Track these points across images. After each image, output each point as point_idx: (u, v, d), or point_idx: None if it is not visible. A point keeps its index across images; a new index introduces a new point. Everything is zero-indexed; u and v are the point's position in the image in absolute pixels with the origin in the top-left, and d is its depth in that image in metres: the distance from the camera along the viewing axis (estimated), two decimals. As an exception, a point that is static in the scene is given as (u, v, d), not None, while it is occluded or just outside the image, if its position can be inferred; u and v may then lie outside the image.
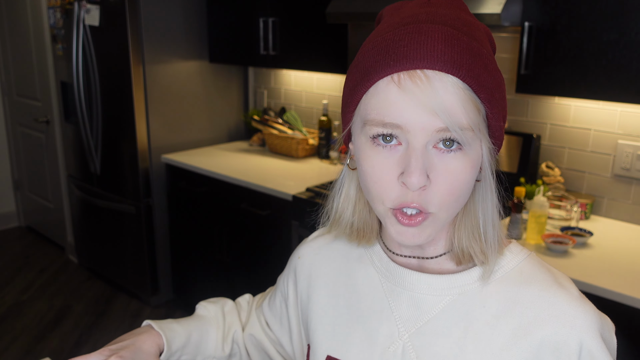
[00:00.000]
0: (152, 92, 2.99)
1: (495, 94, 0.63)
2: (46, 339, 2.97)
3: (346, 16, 2.33)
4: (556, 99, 2.21)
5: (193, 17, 3.09)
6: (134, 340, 0.81)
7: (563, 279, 0.70)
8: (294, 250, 0.93)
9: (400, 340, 0.73)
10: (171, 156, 3.03)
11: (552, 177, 2.21)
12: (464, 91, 0.60)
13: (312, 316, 0.83)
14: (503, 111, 0.66)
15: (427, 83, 0.59)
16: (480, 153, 0.64)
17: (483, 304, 0.70)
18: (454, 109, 0.60)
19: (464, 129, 0.60)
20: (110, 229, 3.36)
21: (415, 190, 0.62)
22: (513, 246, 0.74)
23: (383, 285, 0.76)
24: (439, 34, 0.61)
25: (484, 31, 0.68)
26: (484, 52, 0.63)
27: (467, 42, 0.62)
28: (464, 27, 0.63)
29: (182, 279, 3.21)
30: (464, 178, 0.63)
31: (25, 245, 4.21)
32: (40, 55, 3.69)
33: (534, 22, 1.90)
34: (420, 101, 0.59)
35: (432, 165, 0.62)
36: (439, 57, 0.59)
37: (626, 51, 1.73)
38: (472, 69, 0.60)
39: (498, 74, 0.65)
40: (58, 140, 3.74)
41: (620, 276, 1.66)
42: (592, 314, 0.66)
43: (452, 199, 0.63)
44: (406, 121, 0.61)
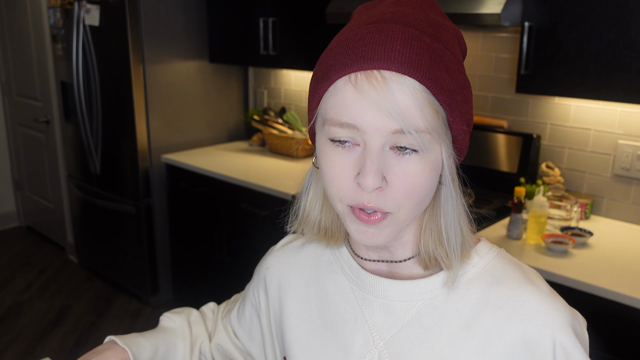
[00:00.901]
0: (152, 92, 2.99)
1: (456, 96, 0.62)
2: (46, 339, 2.97)
3: (346, 16, 2.33)
4: (556, 99, 2.21)
5: (193, 17, 3.09)
6: (98, 358, 0.79)
7: (533, 275, 0.70)
8: (261, 259, 0.91)
9: (375, 349, 0.72)
10: (171, 156, 3.03)
11: (552, 177, 2.21)
12: (421, 93, 0.59)
13: (286, 328, 0.81)
14: (466, 115, 0.64)
15: (383, 84, 0.58)
16: (440, 157, 0.63)
17: (455, 307, 0.69)
18: (410, 110, 0.59)
19: (420, 132, 0.59)
20: (110, 229, 3.36)
21: (372, 192, 0.61)
22: (482, 245, 0.73)
23: (355, 293, 0.75)
24: (399, 34, 0.60)
25: (453, 33, 0.66)
26: (447, 53, 0.62)
27: (428, 43, 0.60)
28: (429, 28, 0.62)
29: (182, 279, 3.21)
30: (422, 181, 0.62)
31: (25, 245, 4.21)
32: (40, 55, 3.69)
33: (534, 22, 1.90)
34: (376, 102, 0.58)
35: (389, 167, 0.61)
36: (396, 58, 0.58)
37: (626, 51, 1.72)
38: (430, 71, 0.59)
39: (461, 77, 0.63)
40: (58, 140, 3.74)
41: (620, 276, 1.65)
42: (563, 309, 0.66)
43: (410, 201, 0.62)
44: (362, 122, 0.60)
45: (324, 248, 0.82)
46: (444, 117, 0.62)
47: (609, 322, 1.60)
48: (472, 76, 2.46)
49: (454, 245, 0.68)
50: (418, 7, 0.65)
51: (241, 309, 0.91)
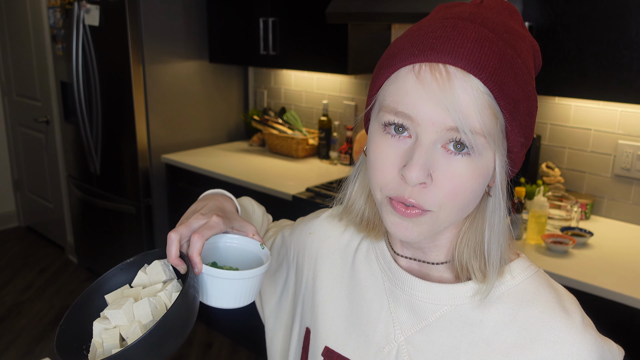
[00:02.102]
0: (152, 92, 2.99)
1: (519, 106, 0.60)
2: (46, 339, 2.97)
3: (346, 16, 2.33)
4: (556, 99, 2.21)
5: (193, 17, 3.09)
6: (214, 202, 0.80)
7: (568, 302, 0.67)
8: (306, 218, 0.91)
9: (395, 342, 0.73)
10: (171, 156, 3.03)
11: (552, 177, 2.21)
12: (483, 95, 0.58)
13: (317, 301, 0.81)
14: (527, 127, 0.63)
15: (446, 78, 0.57)
16: (492, 165, 0.61)
17: (480, 319, 0.68)
18: (468, 110, 0.57)
19: (475, 133, 0.58)
20: (110, 229, 3.36)
21: (415, 187, 0.60)
22: (520, 262, 0.71)
23: (385, 284, 0.76)
24: (473, 32, 0.59)
25: (530, 44, 0.65)
26: (518, 62, 0.60)
27: (501, 47, 0.59)
28: (505, 33, 0.61)
29: (182, 279, 3.21)
30: (468, 184, 0.60)
31: (25, 245, 4.21)
32: (40, 55, 3.69)
33: (534, 22, 1.90)
34: (435, 95, 0.57)
35: (437, 165, 0.59)
36: (464, 55, 0.57)
37: (626, 51, 1.72)
38: (496, 74, 0.58)
39: (529, 88, 0.61)
40: (58, 140, 3.74)
41: (620, 276, 1.65)
42: (591, 344, 0.64)
43: (453, 203, 0.61)
44: (417, 113, 0.59)
45: (364, 235, 0.82)
46: (503, 125, 0.60)
47: (609, 322, 1.60)
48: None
49: (494, 260, 0.66)
50: (499, 12, 0.64)
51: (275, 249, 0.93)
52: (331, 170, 2.82)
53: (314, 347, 0.80)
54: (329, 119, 2.99)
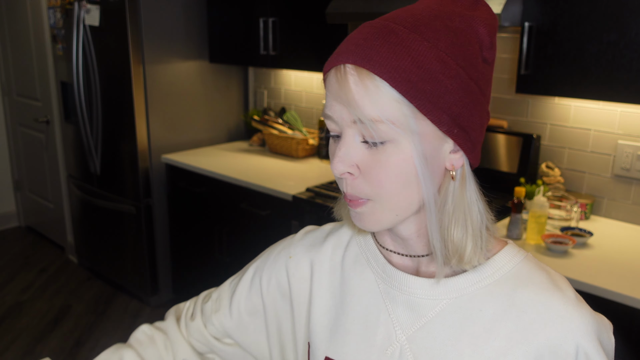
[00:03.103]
0: (152, 92, 2.99)
1: (423, 85, 0.60)
2: (46, 339, 2.97)
3: (346, 16, 2.33)
4: (556, 99, 2.21)
5: (193, 17, 3.09)
6: None
7: (560, 281, 0.70)
8: (275, 248, 0.90)
9: (397, 342, 0.73)
10: (171, 156, 3.03)
11: (552, 177, 2.21)
12: (376, 83, 0.60)
13: (313, 316, 0.81)
14: (446, 105, 0.62)
15: (343, 77, 0.62)
16: (410, 148, 0.63)
17: (480, 308, 0.69)
18: (362, 101, 0.61)
19: (375, 121, 0.61)
20: (110, 229, 3.36)
21: (348, 179, 0.66)
22: (509, 248, 0.73)
23: (380, 287, 0.76)
24: (369, 28, 0.63)
25: (463, 24, 0.64)
26: (423, 44, 0.61)
27: (399, 34, 0.61)
28: (417, 20, 0.62)
29: (182, 279, 3.21)
30: (391, 172, 0.63)
31: (25, 245, 4.21)
32: (40, 55, 3.69)
33: (534, 22, 1.90)
34: (336, 94, 0.63)
35: (362, 157, 0.64)
36: (352, 50, 0.62)
37: (626, 51, 1.72)
38: (388, 62, 0.60)
39: (437, 66, 0.61)
40: (58, 140, 3.74)
41: (620, 276, 1.65)
42: (587, 317, 0.66)
43: (384, 191, 0.65)
44: (332, 113, 0.65)
45: (349, 239, 0.83)
46: (412, 108, 0.61)
47: (609, 322, 1.60)
48: (472, 76, 2.45)
49: (457, 242, 0.67)
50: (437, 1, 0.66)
51: (239, 302, 0.89)
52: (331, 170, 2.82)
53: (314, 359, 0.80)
54: (329, 119, 2.99)
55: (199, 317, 0.92)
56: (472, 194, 0.68)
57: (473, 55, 0.64)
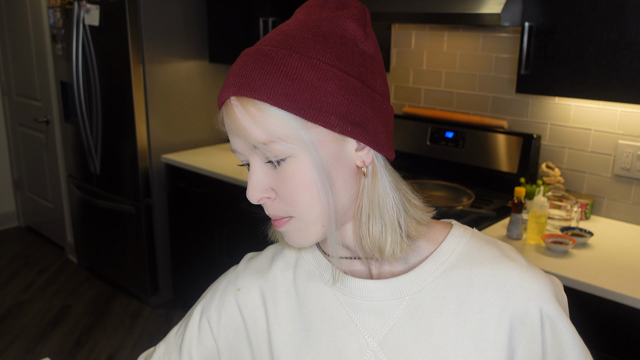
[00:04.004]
0: (152, 92, 2.99)
1: (302, 96, 0.61)
2: (46, 339, 2.97)
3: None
4: (556, 99, 2.21)
5: (193, 17, 3.09)
6: None
7: (510, 251, 0.72)
8: (218, 283, 0.84)
9: (370, 350, 0.72)
10: (171, 156, 3.03)
11: (552, 177, 2.21)
12: (255, 106, 0.62)
13: (274, 346, 0.77)
14: (329, 106, 0.62)
15: (230, 110, 0.64)
16: (306, 158, 0.64)
17: (443, 296, 0.70)
18: (249, 128, 0.63)
19: (266, 143, 0.63)
20: (110, 229, 3.36)
21: (266, 203, 0.67)
22: (455, 230, 0.74)
23: (339, 299, 0.74)
24: (243, 57, 0.65)
25: (332, 24, 0.65)
26: (291, 57, 0.62)
27: (267, 54, 0.63)
28: (291, 33, 0.65)
29: (182, 279, 3.21)
30: (299, 184, 0.64)
31: (25, 245, 4.21)
32: (40, 55, 3.69)
33: (534, 22, 1.90)
34: (230, 127, 0.65)
35: (272, 179, 0.66)
36: (232, 83, 0.63)
37: (626, 51, 1.72)
38: (259, 83, 0.61)
39: (311, 73, 0.62)
40: (58, 140, 3.74)
41: (620, 276, 1.65)
42: (543, 280, 0.69)
43: (298, 204, 0.66)
44: (233, 146, 0.67)
45: (297, 258, 0.80)
46: (299, 120, 0.62)
47: (609, 322, 1.60)
48: (472, 76, 2.46)
49: (376, 235, 0.68)
50: (306, 11, 0.69)
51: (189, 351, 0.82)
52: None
53: None
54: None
55: None
56: (386, 186, 0.68)
57: (347, 52, 0.65)
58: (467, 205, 2.07)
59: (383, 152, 0.68)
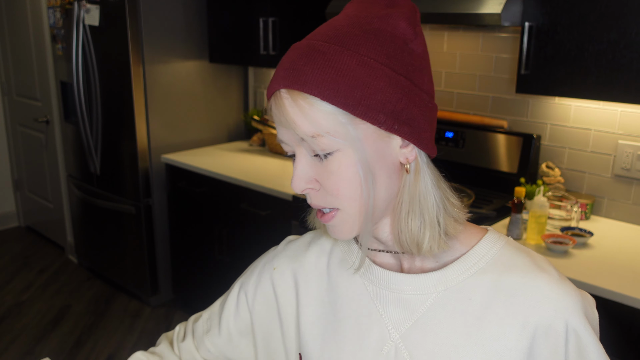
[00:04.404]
0: (152, 92, 2.99)
1: (353, 92, 0.63)
2: (46, 339, 2.97)
3: (346, 16, 2.33)
4: (556, 99, 2.21)
5: (193, 17, 3.09)
6: None
7: (542, 262, 0.72)
8: (259, 261, 0.90)
9: (391, 342, 0.73)
10: (171, 156, 3.03)
11: (552, 177, 2.21)
12: (305, 100, 0.63)
13: (302, 326, 0.81)
14: (379, 105, 0.64)
15: (279, 101, 0.65)
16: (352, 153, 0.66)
17: (469, 297, 0.71)
18: (299, 120, 0.64)
19: (315, 137, 0.64)
20: (110, 229, 3.36)
21: (310, 193, 0.69)
22: (490, 235, 0.74)
23: (368, 288, 0.77)
24: (294, 50, 0.66)
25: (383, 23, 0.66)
26: (343, 53, 0.63)
27: (318, 49, 0.64)
28: (337, 30, 0.65)
29: (182, 279, 3.21)
30: (344, 177, 0.66)
31: (25, 245, 4.21)
32: (40, 55, 3.69)
33: (534, 22, 1.90)
34: (278, 119, 0.66)
35: (317, 171, 0.68)
36: (282, 76, 0.65)
37: (626, 51, 1.72)
38: (310, 77, 0.63)
39: (362, 70, 0.63)
40: (58, 140, 3.74)
41: (621, 276, 1.65)
42: (573, 294, 0.68)
43: (343, 198, 0.67)
44: (281, 136, 0.68)
45: (333, 245, 0.83)
46: (348, 116, 0.64)
47: (609, 323, 1.60)
48: (472, 76, 2.46)
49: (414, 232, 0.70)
50: (357, 7, 0.69)
51: (227, 320, 0.89)
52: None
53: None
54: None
55: (190, 338, 0.93)
56: (428, 184, 0.70)
57: (397, 51, 0.66)
58: (467, 205, 2.06)
59: (426, 150, 0.70)
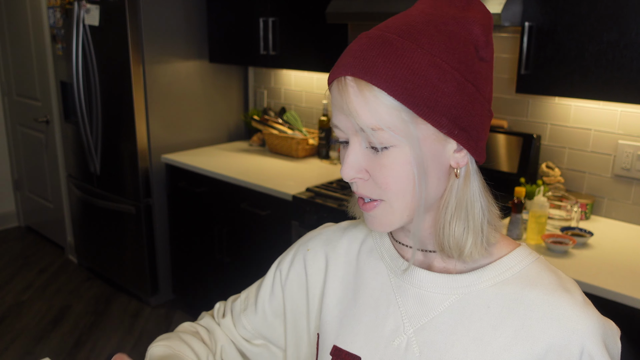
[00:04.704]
0: (152, 92, 2.99)
1: (421, 91, 0.62)
2: (46, 339, 2.97)
3: (346, 16, 2.33)
4: (556, 99, 2.21)
5: (193, 17, 3.09)
6: None
7: (569, 284, 0.71)
8: (298, 242, 0.93)
9: (405, 334, 0.74)
10: (171, 156, 3.03)
11: (552, 177, 2.21)
12: (373, 92, 0.63)
13: (324, 307, 0.84)
14: (443, 108, 0.64)
15: (344, 88, 0.65)
16: (408, 152, 0.66)
17: (488, 305, 0.71)
18: (362, 111, 0.64)
19: (375, 129, 0.64)
20: (110, 229, 3.36)
21: (358, 182, 0.69)
22: (521, 249, 0.75)
23: (391, 280, 0.78)
24: (365, 39, 0.65)
25: (458, 26, 0.66)
26: (416, 51, 0.63)
27: (392, 43, 0.63)
28: (411, 27, 0.64)
29: (182, 279, 3.21)
30: (396, 174, 0.66)
31: (25, 245, 4.21)
32: (40, 55, 3.69)
33: (534, 22, 1.90)
34: (339, 105, 0.66)
35: (369, 162, 0.67)
36: (351, 63, 0.64)
37: (626, 51, 1.72)
38: (382, 70, 0.62)
39: (434, 72, 0.63)
40: (58, 140, 3.74)
41: (620, 276, 1.65)
42: (594, 319, 0.67)
43: (392, 192, 0.67)
44: (338, 122, 0.68)
45: (366, 234, 0.85)
46: (411, 114, 0.64)
47: (609, 322, 1.60)
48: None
49: (457, 238, 0.70)
50: (433, 5, 0.68)
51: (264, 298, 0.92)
52: (331, 170, 2.82)
53: (323, 348, 0.82)
54: (329, 118, 2.99)
55: (229, 316, 0.96)
56: (476, 190, 0.71)
57: (468, 57, 0.66)
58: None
59: (478, 157, 0.70)
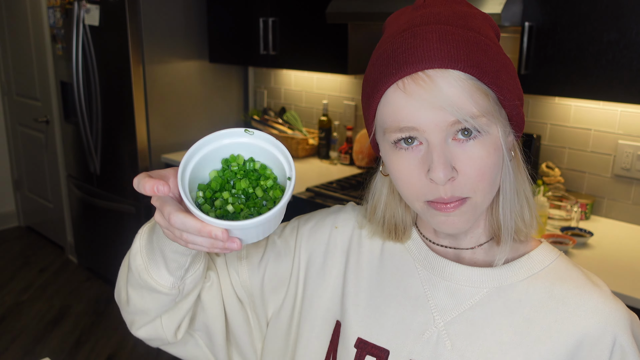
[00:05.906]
0: (152, 92, 2.99)
1: (501, 75, 0.65)
2: (46, 339, 2.97)
3: (346, 16, 2.33)
4: (556, 99, 2.21)
5: (193, 17, 3.09)
6: None
7: (595, 278, 0.74)
8: (328, 211, 0.88)
9: (435, 328, 0.74)
10: (171, 156, 3.03)
11: (552, 177, 2.21)
12: (467, 81, 0.62)
13: (346, 294, 0.81)
14: (515, 91, 0.67)
15: (430, 82, 0.62)
16: (499, 136, 0.66)
17: (519, 299, 0.72)
18: (461, 100, 0.62)
19: (475, 117, 0.63)
20: (110, 229, 3.36)
21: (445, 184, 0.64)
22: (545, 246, 0.77)
23: (420, 273, 0.77)
24: (433, 33, 0.64)
25: (482, 18, 0.69)
26: (482, 39, 0.65)
27: (462, 34, 0.64)
28: (459, 20, 0.66)
29: (182, 279, 3.21)
30: (489, 162, 0.65)
31: (25, 245, 4.21)
32: (40, 55, 3.69)
33: (534, 22, 1.90)
34: (427, 100, 0.62)
35: (456, 157, 0.64)
36: (435, 55, 0.62)
37: (626, 51, 1.72)
38: (469, 59, 0.62)
39: (501, 57, 0.66)
40: (58, 140, 3.74)
41: (620, 276, 1.65)
42: (624, 311, 0.70)
43: (484, 184, 0.66)
44: (419, 122, 0.63)
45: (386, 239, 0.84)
46: (495, 98, 0.65)
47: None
48: (472, 76, 2.46)
49: (508, 223, 0.71)
50: (443, 4, 0.68)
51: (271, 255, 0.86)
52: (331, 170, 2.82)
53: (345, 339, 0.79)
54: (329, 118, 2.99)
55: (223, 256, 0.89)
56: (524, 173, 0.73)
57: None
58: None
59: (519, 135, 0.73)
